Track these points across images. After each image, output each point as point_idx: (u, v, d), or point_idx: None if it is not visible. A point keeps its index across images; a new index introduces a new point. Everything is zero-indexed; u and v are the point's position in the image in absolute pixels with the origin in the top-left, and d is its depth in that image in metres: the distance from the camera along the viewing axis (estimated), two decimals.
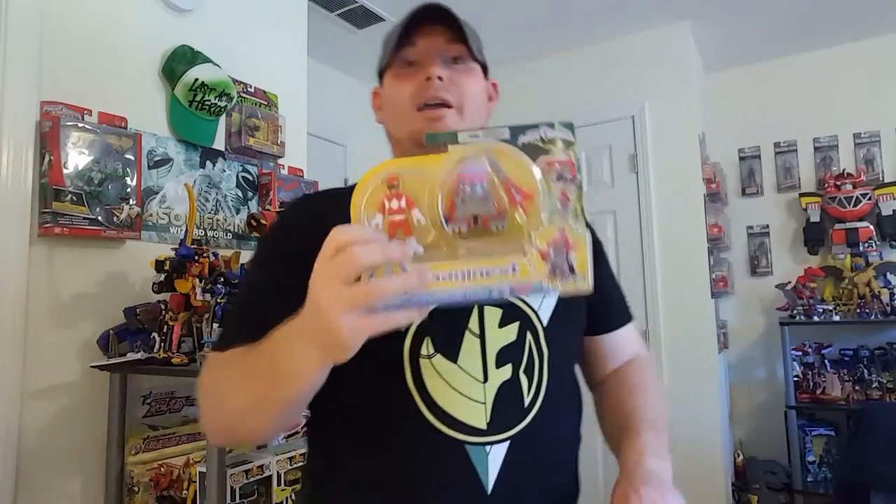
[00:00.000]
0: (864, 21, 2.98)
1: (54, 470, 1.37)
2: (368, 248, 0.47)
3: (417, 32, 0.82)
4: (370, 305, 0.47)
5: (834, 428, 2.97)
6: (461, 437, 0.70)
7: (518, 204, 0.51)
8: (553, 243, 0.50)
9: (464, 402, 0.71)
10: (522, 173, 0.52)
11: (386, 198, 0.52)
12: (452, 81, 0.81)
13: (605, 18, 2.91)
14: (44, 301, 1.37)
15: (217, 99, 1.69)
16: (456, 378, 0.72)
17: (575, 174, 0.52)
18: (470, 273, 0.50)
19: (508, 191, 0.51)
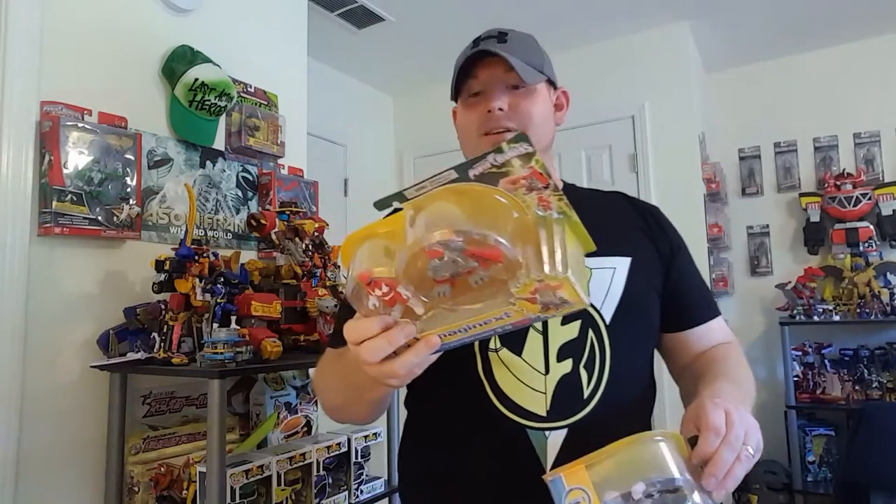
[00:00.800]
0: (864, 21, 2.98)
1: (54, 470, 1.37)
2: (376, 346, 0.55)
3: (478, 65, 0.89)
4: (396, 377, 0.57)
5: (834, 428, 2.97)
6: (523, 421, 0.78)
7: (487, 266, 0.51)
8: (536, 291, 0.52)
9: (527, 391, 0.79)
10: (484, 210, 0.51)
11: (368, 292, 0.54)
12: (513, 108, 0.88)
13: (605, 18, 2.91)
14: (44, 301, 1.37)
15: (217, 99, 1.69)
16: (520, 369, 0.80)
17: (546, 181, 0.51)
18: (469, 327, 0.55)
19: (473, 257, 0.50)
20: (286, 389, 1.68)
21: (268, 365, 1.36)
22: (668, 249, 0.92)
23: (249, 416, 1.67)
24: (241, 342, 1.31)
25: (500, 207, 0.52)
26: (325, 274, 1.64)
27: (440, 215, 0.51)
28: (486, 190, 0.52)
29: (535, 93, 0.91)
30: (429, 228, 0.50)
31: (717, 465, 0.56)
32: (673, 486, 0.54)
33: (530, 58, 0.90)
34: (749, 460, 0.58)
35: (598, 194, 1.03)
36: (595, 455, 0.58)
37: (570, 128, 3.21)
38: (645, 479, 0.54)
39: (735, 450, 0.57)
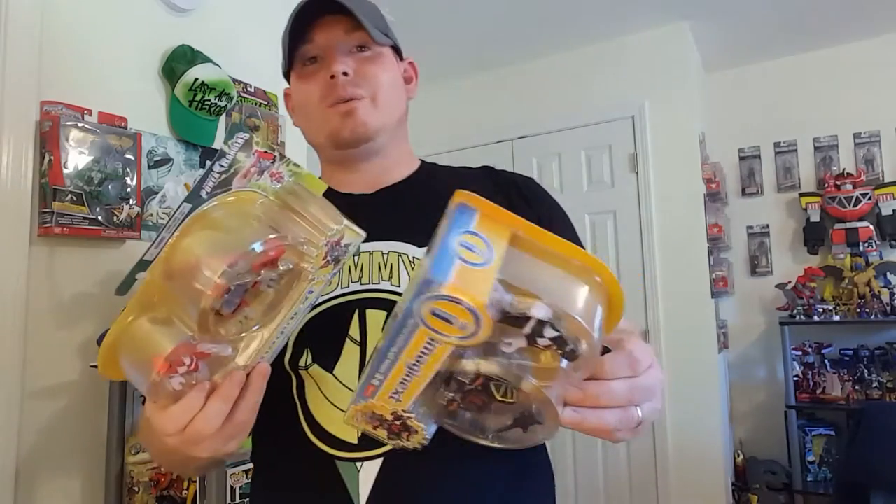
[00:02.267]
0: (864, 21, 2.98)
1: (54, 470, 1.37)
2: (212, 413, 0.49)
3: (312, 26, 0.77)
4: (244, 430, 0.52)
5: (834, 428, 2.97)
6: (331, 451, 0.67)
7: (276, 264, 0.48)
8: (327, 254, 0.51)
9: (336, 414, 0.68)
10: (231, 221, 0.49)
11: (170, 376, 0.47)
12: (359, 73, 0.76)
13: (605, 18, 2.91)
14: (44, 301, 1.37)
15: (217, 99, 1.69)
16: (331, 389, 0.68)
17: (271, 156, 0.50)
18: (283, 329, 0.52)
19: (260, 267, 0.47)
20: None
21: None
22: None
23: None
24: None
25: (242, 209, 0.49)
26: None
27: (195, 251, 0.46)
28: (223, 203, 0.49)
29: (383, 57, 0.79)
30: (192, 274, 0.45)
31: (603, 389, 0.44)
32: (573, 349, 0.40)
33: (375, 19, 0.79)
34: (631, 422, 0.46)
35: (461, 172, 0.88)
36: (532, 230, 0.42)
37: (570, 128, 3.22)
38: (558, 309, 0.38)
39: (630, 397, 0.45)
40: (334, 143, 0.78)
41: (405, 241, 0.74)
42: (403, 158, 0.86)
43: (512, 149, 3.33)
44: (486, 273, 0.37)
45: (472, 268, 0.37)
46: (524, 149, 3.32)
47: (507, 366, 0.40)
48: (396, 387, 0.42)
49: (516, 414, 0.44)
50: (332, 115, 0.76)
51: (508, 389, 0.42)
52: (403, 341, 0.39)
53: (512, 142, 3.33)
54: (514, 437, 0.45)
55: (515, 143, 3.34)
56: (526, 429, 0.44)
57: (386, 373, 0.42)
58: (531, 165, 3.26)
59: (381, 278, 0.72)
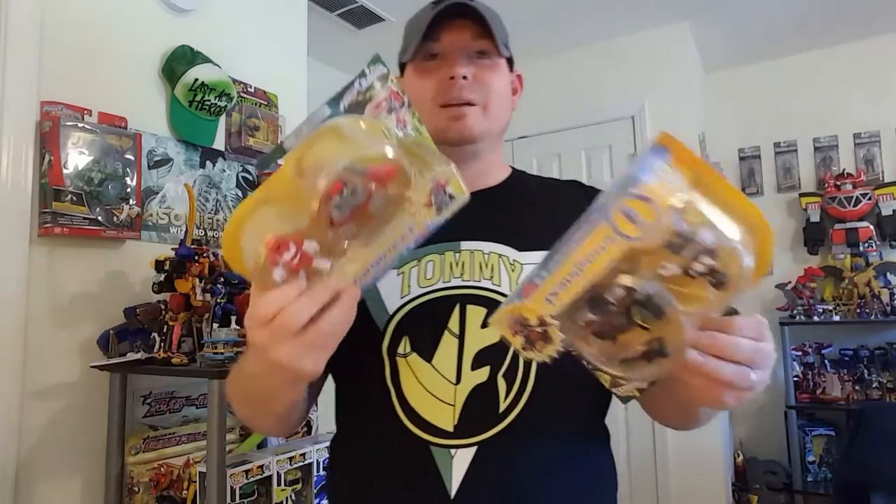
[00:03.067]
0: (864, 21, 2.98)
1: (54, 470, 1.37)
2: (298, 308, 0.49)
3: (443, 26, 0.78)
4: (320, 345, 0.51)
5: (834, 428, 2.97)
6: (427, 437, 0.69)
7: (386, 183, 0.51)
8: (431, 192, 0.52)
9: (433, 402, 0.70)
10: (359, 141, 0.52)
11: (274, 261, 0.49)
12: (477, 79, 0.79)
13: (605, 18, 2.91)
14: (44, 301, 1.37)
15: (217, 99, 1.69)
16: (428, 378, 0.71)
17: (401, 99, 0.53)
18: (380, 258, 0.53)
19: (373, 177, 0.50)
20: None
21: None
22: None
23: None
24: (241, 342, 1.31)
25: (376, 132, 0.53)
26: None
27: (325, 157, 0.50)
28: (356, 121, 0.53)
29: (499, 67, 0.82)
30: (324, 169, 0.49)
31: (731, 342, 0.47)
32: (721, 279, 0.45)
33: (500, 29, 0.81)
34: (744, 382, 0.48)
35: (551, 185, 0.92)
36: (711, 176, 0.47)
37: (570, 128, 3.22)
38: (719, 243, 0.45)
39: (752, 358, 0.48)
40: (438, 139, 0.81)
41: (506, 243, 0.77)
42: (496, 164, 0.88)
43: (512, 149, 3.32)
44: (674, 187, 0.44)
45: (664, 183, 0.44)
46: (524, 149, 3.32)
47: (659, 285, 0.45)
48: (556, 287, 0.47)
49: (645, 345, 0.47)
50: (442, 115, 0.79)
51: (648, 316, 0.46)
52: (581, 237, 0.46)
53: (512, 142, 3.33)
54: (636, 367, 0.49)
55: (515, 143, 3.33)
56: (650, 360, 0.48)
57: (551, 270, 0.47)
58: (531, 165, 3.26)
59: (482, 276, 0.75)
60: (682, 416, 0.74)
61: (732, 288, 0.46)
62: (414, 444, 0.69)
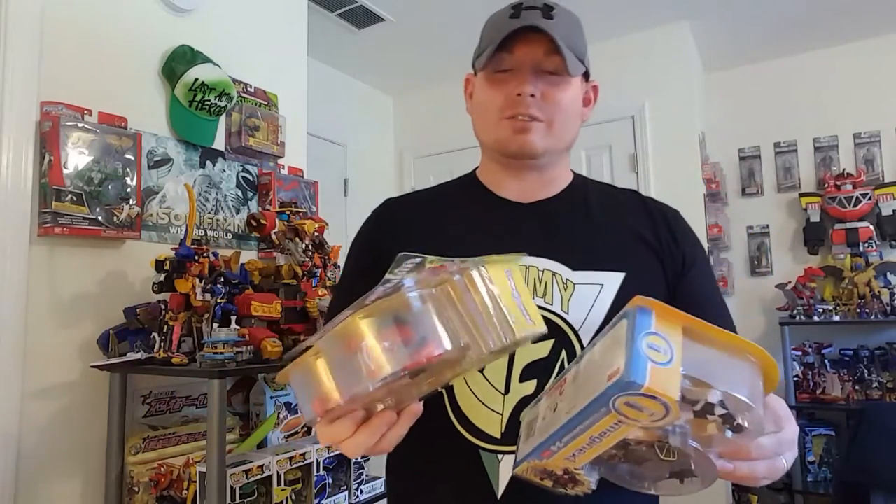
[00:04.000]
0: (863, 21, 2.98)
1: (54, 470, 1.37)
2: (358, 443, 0.52)
3: (517, 38, 0.78)
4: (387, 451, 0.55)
5: (834, 428, 2.97)
6: (477, 442, 0.74)
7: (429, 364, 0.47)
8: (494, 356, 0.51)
9: (483, 410, 0.75)
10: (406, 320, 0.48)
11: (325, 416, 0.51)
12: (545, 96, 0.79)
13: (605, 18, 2.91)
14: (44, 301, 1.37)
15: (217, 99, 1.69)
16: (480, 387, 0.75)
17: (445, 266, 0.49)
18: (445, 384, 0.55)
19: (414, 368, 0.47)
20: (286, 389, 1.68)
21: (268, 365, 1.36)
22: (679, 264, 0.82)
23: (249, 416, 1.67)
24: (241, 342, 1.31)
25: (396, 302, 0.48)
26: (324, 274, 1.64)
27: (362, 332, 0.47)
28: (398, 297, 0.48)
29: (570, 83, 0.81)
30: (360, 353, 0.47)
31: (755, 446, 0.48)
32: (739, 424, 0.44)
33: (576, 43, 0.79)
34: (779, 471, 0.50)
35: (610, 192, 0.91)
36: (698, 324, 0.47)
37: None
38: (727, 393, 0.44)
39: (777, 450, 0.50)
40: (500, 150, 0.84)
41: (560, 261, 0.78)
42: (562, 174, 0.89)
43: None
44: (673, 370, 0.42)
45: (661, 367, 0.42)
46: None
47: (671, 432, 0.45)
48: (574, 452, 0.47)
49: (674, 468, 0.48)
50: (506, 127, 0.80)
51: (671, 449, 0.47)
52: (589, 423, 0.44)
53: None
54: (669, 486, 0.49)
55: None
56: (682, 480, 0.49)
57: (567, 443, 0.47)
58: None
59: (535, 294, 0.77)
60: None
61: (744, 434, 0.46)
62: (465, 448, 0.74)
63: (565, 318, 0.76)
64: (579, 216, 0.85)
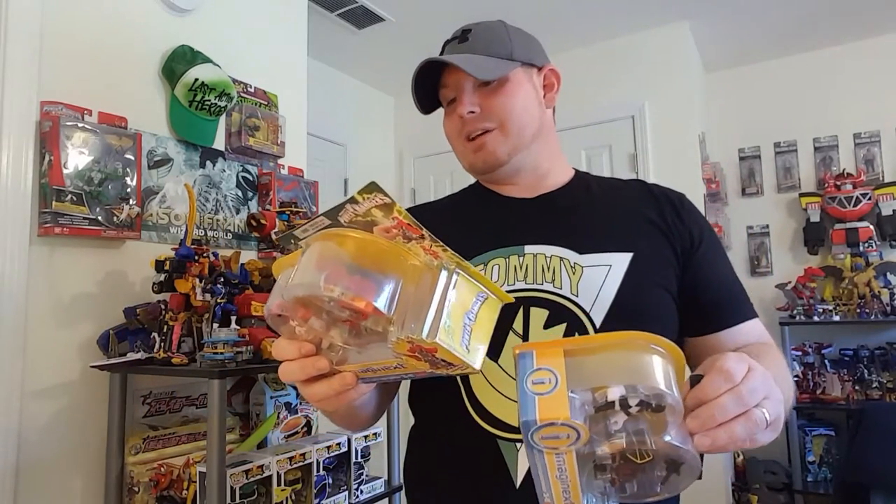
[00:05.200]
0: (863, 21, 2.98)
1: (54, 470, 1.37)
2: (288, 370, 0.54)
3: (443, 72, 0.86)
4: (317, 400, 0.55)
5: (834, 428, 2.97)
6: (494, 431, 0.74)
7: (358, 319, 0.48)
8: (413, 350, 0.47)
9: (499, 398, 0.75)
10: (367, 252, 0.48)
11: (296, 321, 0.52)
12: (485, 108, 0.84)
13: (605, 18, 2.91)
14: (44, 301, 1.37)
15: (217, 99, 1.69)
16: (495, 376, 0.75)
17: (419, 231, 0.46)
18: (375, 368, 0.52)
19: (345, 308, 0.47)
20: (286, 389, 1.68)
21: (268, 365, 1.36)
22: (687, 243, 0.83)
23: (249, 416, 1.67)
24: (241, 342, 1.31)
25: (385, 251, 0.48)
26: None
27: (326, 256, 0.49)
28: (367, 236, 0.48)
29: (508, 83, 0.84)
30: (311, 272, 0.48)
31: (712, 408, 0.47)
32: (658, 403, 0.46)
33: (495, 49, 0.84)
34: (759, 423, 0.48)
35: (613, 184, 0.93)
36: (578, 341, 0.51)
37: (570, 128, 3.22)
38: (627, 384, 0.46)
39: (743, 403, 0.47)
40: (474, 173, 0.91)
41: (567, 247, 0.80)
42: (556, 166, 0.92)
43: None
44: (558, 392, 0.46)
45: (547, 396, 0.46)
46: None
47: (626, 437, 0.47)
48: (563, 495, 0.51)
49: (663, 463, 0.50)
50: (468, 149, 0.87)
51: (640, 451, 0.49)
52: (543, 466, 0.49)
53: None
54: (676, 481, 0.51)
55: None
56: (678, 471, 0.50)
57: (548, 489, 0.51)
58: None
59: (544, 280, 0.78)
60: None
61: (671, 405, 0.47)
62: (482, 437, 0.74)
63: (576, 301, 0.76)
64: (584, 203, 0.87)
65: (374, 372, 0.53)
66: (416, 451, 0.86)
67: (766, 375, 0.50)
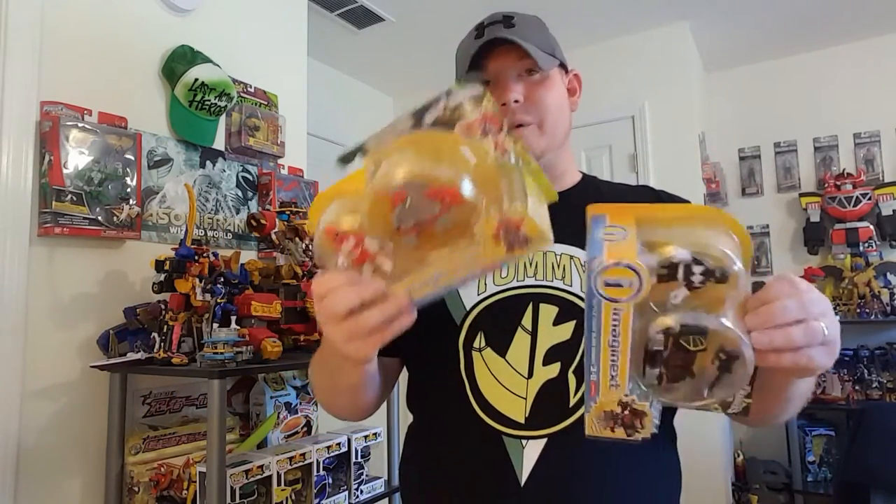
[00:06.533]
0: (863, 21, 2.98)
1: (54, 470, 1.37)
2: (342, 295, 0.51)
3: (489, 55, 0.81)
4: (361, 336, 0.52)
5: (834, 428, 2.97)
6: (500, 427, 0.73)
7: (448, 206, 0.49)
8: (499, 228, 0.49)
9: (506, 395, 0.74)
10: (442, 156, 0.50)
11: (335, 248, 0.52)
12: (529, 99, 0.81)
13: (605, 18, 2.91)
14: (44, 301, 1.37)
15: (217, 99, 1.69)
16: (502, 372, 0.75)
17: (499, 124, 0.50)
18: (438, 276, 0.51)
19: (434, 196, 0.48)
20: (286, 389, 1.68)
21: (268, 365, 1.36)
22: None
23: (249, 416, 1.67)
24: (241, 342, 1.31)
25: (457, 153, 0.50)
26: None
27: (399, 163, 0.49)
28: (442, 136, 0.50)
29: (550, 79, 0.83)
30: (388, 175, 0.49)
31: (774, 308, 0.47)
32: (722, 273, 0.47)
33: (542, 41, 0.82)
34: (817, 334, 0.47)
35: (621, 188, 0.94)
36: (654, 208, 0.52)
37: None
38: (696, 251, 0.47)
39: (804, 310, 0.48)
40: None
41: (577, 245, 0.79)
42: (568, 168, 0.91)
43: None
44: (628, 241, 0.48)
45: (616, 242, 0.47)
46: None
47: (683, 312, 0.48)
48: (610, 372, 0.50)
49: (715, 360, 0.49)
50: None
51: (696, 338, 0.48)
52: (597, 324, 0.49)
53: None
54: (725, 384, 0.50)
55: None
56: (730, 369, 0.49)
57: (597, 362, 0.50)
58: None
59: (554, 277, 0.78)
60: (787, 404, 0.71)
61: (735, 274, 0.47)
62: (487, 433, 0.73)
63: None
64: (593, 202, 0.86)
65: (436, 283, 0.52)
66: (415, 451, 0.85)
67: (825, 298, 0.51)
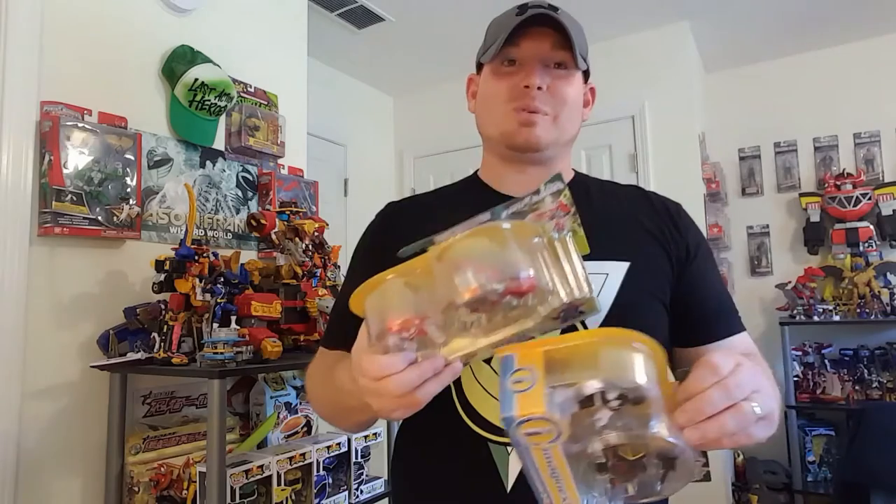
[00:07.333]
0: (863, 21, 2.98)
1: (54, 470, 1.37)
2: (405, 380, 0.53)
3: (524, 33, 0.79)
4: (413, 407, 0.56)
5: (834, 428, 2.97)
6: (485, 434, 0.73)
7: (523, 296, 0.52)
8: (563, 309, 0.52)
9: (491, 401, 0.73)
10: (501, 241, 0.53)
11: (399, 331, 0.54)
12: (551, 90, 0.80)
13: (604, 18, 2.91)
14: (44, 301, 1.37)
15: (217, 99, 1.69)
16: (487, 377, 0.74)
17: (567, 209, 0.53)
18: (490, 345, 0.55)
19: (510, 294, 0.51)
20: (286, 389, 1.68)
21: (268, 365, 1.36)
22: (682, 253, 0.82)
23: (249, 416, 1.67)
24: (241, 342, 1.31)
25: (523, 239, 0.53)
26: (325, 274, 1.64)
27: (465, 252, 0.52)
28: (511, 226, 0.53)
29: (574, 78, 0.83)
30: (458, 268, 0.51)
31: (700, 401, 0.46)
32: (637, 396, 0.47)
33: (581, 42, 0.81)
34: (749, 416, 0.48)
35: (611, 189, 0.93)
36: (557, 340, 0.52)
37: None
38: (604, 378, 0.48)
39: (730, 396, 0.47)
40: (505, 143, 0.84)
41: None
42: (564, 170, 0.89)
43: None
44: (536, 388, 0.48)
45: (525, 393, 0.48)
46: None
47: (613, 433, 0.48)
48: (559, 494, 0.52)
49: (657, 459, 0.51)
50: (512, 119, 0.81)
51: (632, 447, 0.50)
52: (532, 462, 0.51)
53: None
54: (674, 478, 0.52)
55: None
56: (674, 466, 0.51)
57: (545, 490, 0.52)
58: None
59: None
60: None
61: (652, 391, 0.48)
62: (473, 440, 0.73)
63: None
64: (583, 208, 0.85)
65: (484, 353, 0.55)
66: (405, 454, 0.85)
67: (755, 371, 0.50)
